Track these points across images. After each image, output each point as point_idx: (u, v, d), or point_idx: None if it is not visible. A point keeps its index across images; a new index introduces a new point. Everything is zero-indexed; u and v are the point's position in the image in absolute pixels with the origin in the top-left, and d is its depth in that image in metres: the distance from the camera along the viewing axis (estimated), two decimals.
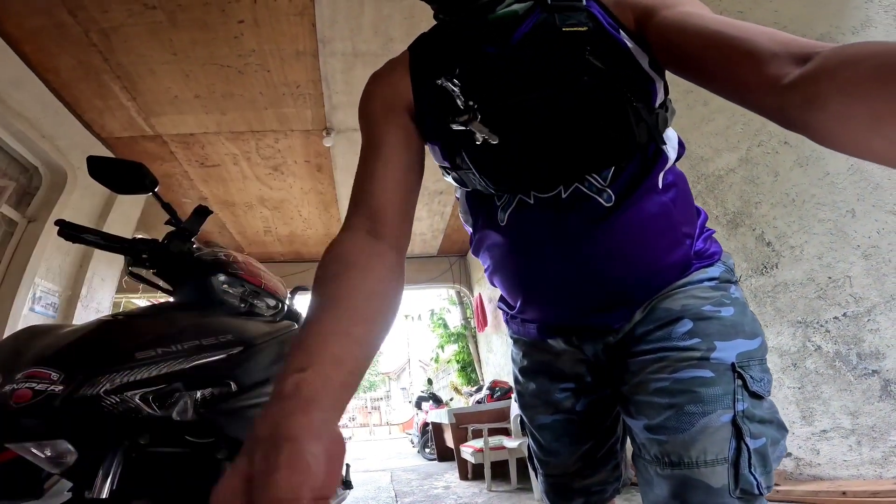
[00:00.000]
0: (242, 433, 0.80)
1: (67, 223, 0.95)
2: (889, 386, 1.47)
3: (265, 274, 1.19)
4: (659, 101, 0.60)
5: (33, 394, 0.66)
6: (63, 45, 2.75)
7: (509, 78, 0.57)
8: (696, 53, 0.48)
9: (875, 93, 0.30)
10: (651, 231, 0.61)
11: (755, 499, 0.55)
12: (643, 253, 0.61)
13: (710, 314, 0.60)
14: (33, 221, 3.15)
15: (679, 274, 0.63)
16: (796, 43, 0.40)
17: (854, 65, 0.33)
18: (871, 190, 1.50)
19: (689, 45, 0.48)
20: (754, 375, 0.58)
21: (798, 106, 0.37)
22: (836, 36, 1.59)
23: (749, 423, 0.56)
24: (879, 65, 0.31)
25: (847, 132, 0.34)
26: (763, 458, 0.56)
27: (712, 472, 0.54)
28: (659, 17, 0.53)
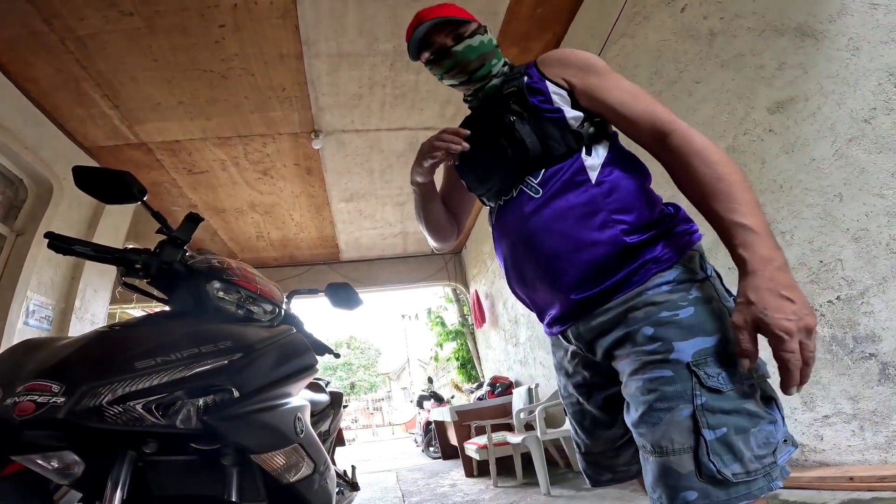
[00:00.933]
0: (247, 439, 0.80)
1: (57, 235, 0.93)
2: (887, 369, 1.49)
3: (260, 279, 1.19)
4: (574, 126, 0.85)
5: (36, 406, 0.66)
6: (40, 54, 2.71)
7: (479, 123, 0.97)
8: (611, 117, 0.85)
9: (680, 173, 0.77)
10: (573, 214, 0.80)
11: (726, 484, 0.62)
12: (567, 229, 0.80)
13: (668, 319, 0.70)
14: (21, 235, 3.10)
15: (624, 262, 0.77)
16: (659, 119, 0.79)
17: (685, 156, 0.74)
18: (857, 174, 1.52)
19: (606, 112, 0.85)
20: (709, 372, 0.66)
21: (663, 160, 0.81)
22: (813, 25, 1.61)
23: (708, 416, 0.64)
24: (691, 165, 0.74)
25: (677, 182, 0.79)
26: (728, 446, 0.63)
27: (679, 459, 0.64)
28: (586, 86, 0.86)
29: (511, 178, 0.87)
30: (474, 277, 6.48)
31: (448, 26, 0.97)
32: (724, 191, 0.69)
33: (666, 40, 2.29)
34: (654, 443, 0.66)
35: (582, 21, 2.91)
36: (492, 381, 5.09)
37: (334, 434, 2.13)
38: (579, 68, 0.88)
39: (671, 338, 0.69)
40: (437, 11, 0.99)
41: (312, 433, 1.03)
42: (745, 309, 0.63)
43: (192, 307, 1.04)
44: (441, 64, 0.98)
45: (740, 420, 0.65)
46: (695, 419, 0.64)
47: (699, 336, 0.68)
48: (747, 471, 0.63)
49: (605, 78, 0.86)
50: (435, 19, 0.96)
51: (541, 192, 0.83)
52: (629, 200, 0.81)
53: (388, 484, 4.12)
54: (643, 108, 0.81)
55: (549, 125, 0.85)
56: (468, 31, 0.97)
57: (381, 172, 4.53)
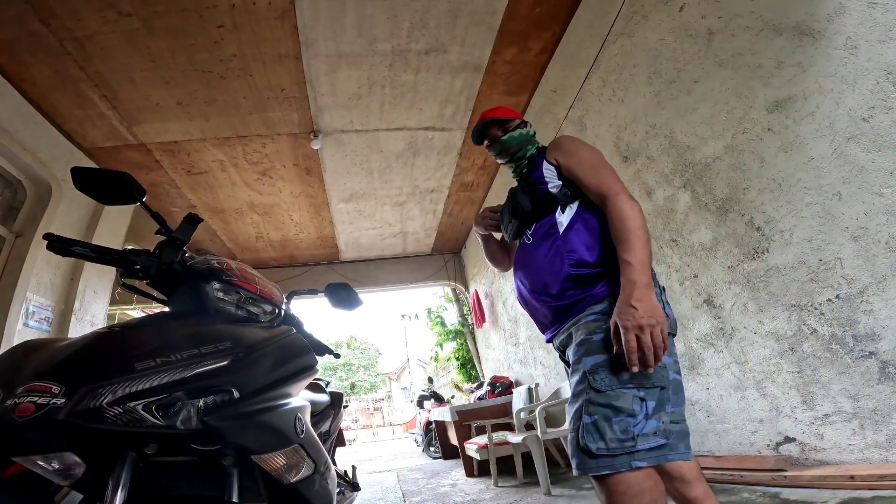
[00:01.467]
0: (247, 440, 0.80)
1: (56, 236, 0.93)
2: (887, 367, 1.49)
3: (260, 280, 1.18)
4: (555, 192, 1.22)
5: (36, 407, 0.66)
6: (37, 55, 2.70)
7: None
8: (580, 185, 1.18)
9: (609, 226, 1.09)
10: (547, 256, 1.16)
11: (594, 456, 0.91)
12: (544, 267, 1.16)
13: (586, 339, 1.03)
14: (21, 236, 3.09)
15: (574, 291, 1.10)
16: (605, 188, 1.11)
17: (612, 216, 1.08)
18: (855, 173, 1.52)
19: (576, 181, 1.19)
20: (597, 377, 0.97)
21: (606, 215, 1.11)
22: (811, 24, 1.61)
23: (589, 407, 0.95)
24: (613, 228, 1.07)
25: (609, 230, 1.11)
26: (596, 428, 0.93)
27: (574, 437, 0.97)
28: (566, 164, 1.22)
29: (519, 230, 1.30)
30: (474, 277, 6.48)
31: (497, 123, 1.42)
32: (625, 239, 1.03)
33: (664, 39, 2.29)
34: (571, 421, 1.00)
35: (580, 20, 2.91)
36: (492, 381, 5.09)
37: (335, 434, 2.13)
38: (563, 151, 1.25)
39: (583, 354, 1.02)
40: (493, 113, 1.44)
41: (313, 433, 1.03)
42: (613, 314, 0.98)
43: (192, 308, 1.04)
44: (493, 148, 1.42)
45: (608, 412, 0.93)
46: (581, 409, 0.97)
47: (598, 354, 1.00)
48: (609, 448, 0.90)
49: (577, 157, 1.22)
50: (489, 119, 1.42)
51: (532, 240, 1.24)
52: (581, 248, 1.12)
53: (388, 484, 4.12)
54: (596, 179, 1.15)
55: (539, 193, 1.25)
56: (512, 126, 1.40)
57: (380, 172, 4.53)
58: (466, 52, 3.14)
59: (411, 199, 5.18)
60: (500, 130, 1.40)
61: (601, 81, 2.83)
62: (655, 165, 2.46)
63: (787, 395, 1.85)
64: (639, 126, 2.55)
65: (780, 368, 1.87)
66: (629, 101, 2.61)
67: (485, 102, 3.68)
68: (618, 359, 0.95)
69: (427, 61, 3.18)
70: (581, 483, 2.86)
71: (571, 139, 1.30)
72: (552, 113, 3.45)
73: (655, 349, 0.92)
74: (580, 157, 1.21)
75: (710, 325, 2.22)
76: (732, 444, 2.16)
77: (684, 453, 0.96)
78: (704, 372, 2.29)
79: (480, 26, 2.94)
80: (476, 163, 4.60)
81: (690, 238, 2.28)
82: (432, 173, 4.67)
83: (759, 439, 2.01)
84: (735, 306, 2.06)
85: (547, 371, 4.26)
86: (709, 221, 2.15)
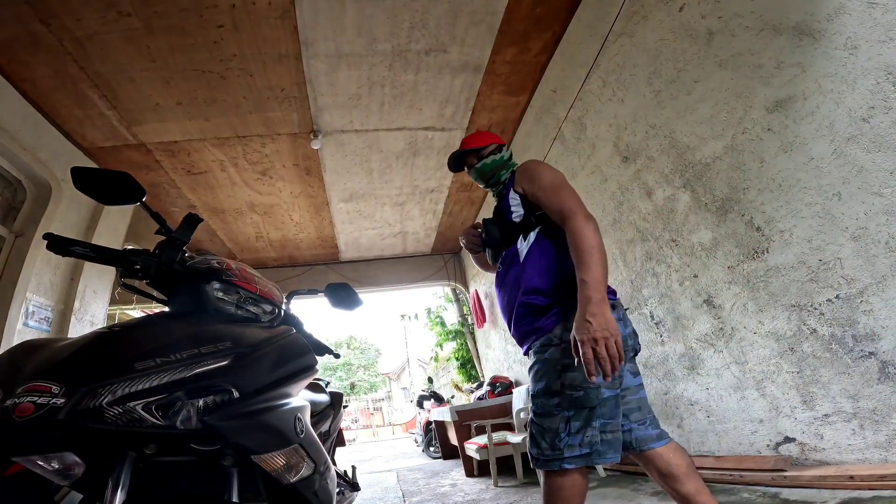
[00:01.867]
0: (247, 439, 0.80)
1: (56, 236, 0.93)
2: (887, 368, 1.49)
3: (260, 280, 1.18)
4: (518, 221, 1.34)
5: (36, 407, 0.66)
6: (37, 55, 2.70)
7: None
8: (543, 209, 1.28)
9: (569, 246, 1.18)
10: (511, 282, 1.31)
11: (536, 459, 1.17)
12: (508, 292, 1.32)
13: (531, 367, 1.23)
14: (20, 236, 3.09)
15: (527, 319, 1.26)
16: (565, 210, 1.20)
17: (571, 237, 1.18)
18: (855, 173, 1.52)
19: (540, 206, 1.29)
20: (536, 401, 1.19)
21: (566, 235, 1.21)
22: (811, 24, 1.61)
23: (531, 424, 1.19)
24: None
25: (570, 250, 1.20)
26: (533, 440, 1.18)
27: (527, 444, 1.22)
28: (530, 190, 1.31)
29: (494, 257, 1.44)
30: (474, 277, 6.48)
31: (472, 152, 1.52)
32: (581, 258, 1.13)
33: (664, 39, 2.29)
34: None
35: (580, 20, 2.91)
36: (492, 381, 5.09)
37: (334, 434, 2.13)
38: (527, 177, 1.34)
39: (531, 380, 1.23)
40: (469, 141, 1.55)
41: (313, 433, 1.03)
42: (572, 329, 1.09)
43: (192, 308, 1.04)
44: (471, 175, 1.54)
45: (541, 429, 1.16)
46: (528, 423, 1.22)
47: (538, 382, 1.20)
48: (543, 454, 1.15)
49: (539, 181, 1.31)
50: (465, 149, 1.53)
51: (501, 268, 1.37)
52: (534, 276, 1.26)
53: (388, 484, 4.12)
54: (556, 200, 1.25)
55: (505, 223, 1.37)
56: (486, 153, 1.51)
57: (380, 172, 4.53)
58: (466, 52, 3.14)
59: (411, 199, 5.18)
60: (474, 158, 1.52)
61: (601, 81, 2.83)
62: (655, 165, 2.46)
63: (786, 396, 1.85)
64: (639, 126, 2.55)
65: (779, 368, 1.87)
66: (629, 101, 2.61)
67: (485, 102, 3.68)
68: (547, 386, 1.17)
69: (427, 61, 3.18)
70: None
71: (535, 164, 1.37)
72: (552, 113, 3.45)
73: (611, 359, 1.02)
74: (542, 181, 1.30)
75: (709, 325, 2.22)
76: (732, 444, 2.16)
77: (612, 458, 1.13)
78: (704, 372, 2.29)
79: (480, 26, 2.94)
80: None
81: (690, 238, 2.28)
82: (432, 173, 4.67)
83: (758, 439, 2.01)
84: (735, 306, 2.06)
85: None
86: (709, 221, 2.15)
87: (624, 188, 2.74)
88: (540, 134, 3.70)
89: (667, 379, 2.56)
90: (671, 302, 2.46)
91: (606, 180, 2.90)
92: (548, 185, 1.28)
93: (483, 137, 1.55)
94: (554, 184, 1.28)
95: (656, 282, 2.56)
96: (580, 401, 1.12)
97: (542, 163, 1.39)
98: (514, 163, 1.52)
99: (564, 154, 3.36)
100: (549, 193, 1.27)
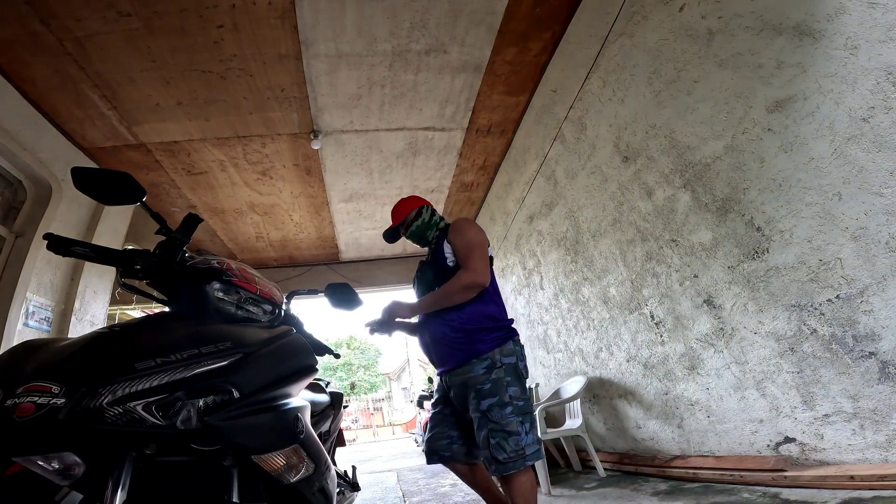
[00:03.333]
0: (247, 439, 0.80)
1: (56, 237, 0.93)
2: (887, 368, 1.49)
3: (260, 280, 1.18)
4: (451, 266, 1.63)
5: (36, 407, 0.66)
6: (37, 55, 2.70)
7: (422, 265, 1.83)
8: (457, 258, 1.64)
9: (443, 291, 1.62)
10: (448, 315, 1.60)
11: (502, 462, 1.42)
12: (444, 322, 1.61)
13: (480, 387, 1.49)
14: (21, 236, 3.09)
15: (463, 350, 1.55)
16: (469, 261, 1.58)
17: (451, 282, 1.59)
18: (855, 173, 1.52)
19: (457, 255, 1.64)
20: (492, 416, 1.45)
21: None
22: (811, 24, 1.61)
23: (493, 434, 1.44)
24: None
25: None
26: (500, 446, 1.42)
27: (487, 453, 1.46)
28: (454, 243, 1.65)
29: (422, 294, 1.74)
30: None
31: (401, 225, 1.84)
32: (444, 290, 1.58)
33: (664, 40, 2.29)
34: (482, 443, 1.47)
35: (580, 20, 2.91)
36: None
37: (335, 434, 2.13)
38: (455, 233, 1.65)
39: (481, 398, 1.49)
40: (394, 216, 1.85)
41: (313, 434, 1.03)
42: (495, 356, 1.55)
43: (192, 308, 1.04)
44: (410, 239, 1.86)
45: (505, 434, 1.43)
46: (488, 435, 1.45)
47: (490, 398, 1.48)
48: (509, 456, 1.41)
49: (462, 238, 1.62)
50: (394, 225, 1.85)
51: None
52: (469, 308, 1.58)
53: (388, 484, 4.12)
54: (466, 256, 1.59)
55: (439, 266, 1.65)
56: (410, 221, 1.82)
57: (380, 173, 4.53)
58: (466, 53, 3.14)
59: None
60: (404, 228, 1.84)
61: (601, 81, 2.83)
62: (655, 165, 2.46)
63: (787, 396, 1.85)
64: (639, 126, 2.55)
65: (780, 368, 1.87)
66: (629, 101, 2.61)
67: (485, 102, 3.68)
68: (501, 400, 1.47)
69: (427, 61, 3.18)
70: (581, 483, 2.86)
71: (465, 224, 1.67)
72: (552, 113, 3.45)
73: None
74: (465, 237, 1.62)
75: (710, 326, 2.22)
76: (732, 444, 2.16)
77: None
78: (704, 372, 2.28)
79: (480, 26, 2.94)
80: (476, 163, 4.60)
81: (690, 238, 2.28)
82: (432, 173, 4.67)
83: (759, 439, 2.01)
84: (735, 306, 2.06)
85: (547, 371, 4.26)
86: (709, 221, 2.15)
87: (624, 188, 2.74)
88: (540, 134, 3.70)
89: (667, 379, 2.56)
90: (671, 302, 2.46)
91: (607, 180, 2.90)
92: (466, 242, 1.60)
93: (404, 207, 1.83)
94: (472, 242, 1.60)
95: (656, 282, 2.56)
96: (524, 408, 1.49)
97: (472, 223, 1.70)
98: (438, 219, 1.83)
99: (564, 154, 3.36)
100: (464, 248, 1.60)
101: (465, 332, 1.54)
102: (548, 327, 4.12)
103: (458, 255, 1.60)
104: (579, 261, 3.36)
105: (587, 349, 3.42)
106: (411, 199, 1.85)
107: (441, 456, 1.61)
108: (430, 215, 1.83)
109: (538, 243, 4.07)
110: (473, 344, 1.52)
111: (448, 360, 1.57)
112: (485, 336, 1.53)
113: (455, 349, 1.54)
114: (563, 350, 3.85)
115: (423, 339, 1.71)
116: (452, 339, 1.55)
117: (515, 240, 4.63)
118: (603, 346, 3.20)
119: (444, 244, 1.66)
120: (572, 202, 3.32)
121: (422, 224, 1.81)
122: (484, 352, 1.51)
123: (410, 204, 1.83)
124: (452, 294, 1.53)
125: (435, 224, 1.82)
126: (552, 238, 3.77)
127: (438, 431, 1.64)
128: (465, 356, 1.52)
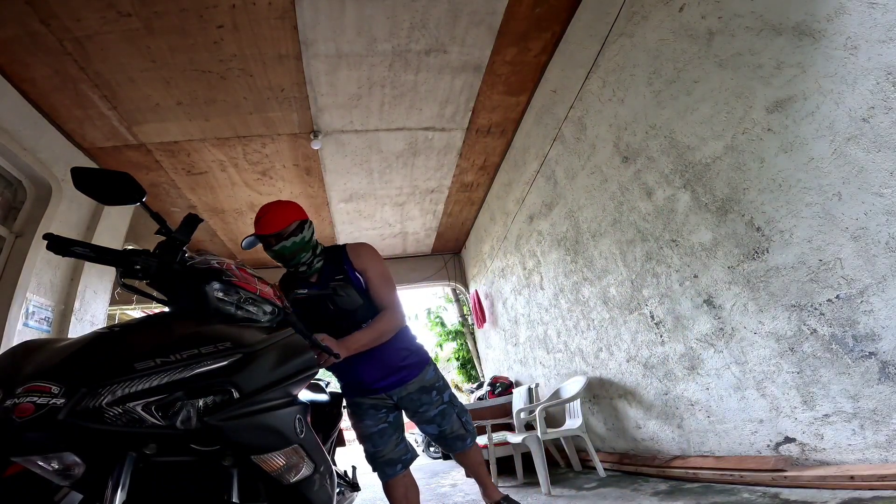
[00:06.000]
0: (247, 440, 0.80)
1: (56, 237, 0.93)
2: (887, 368, 1.49)
3: (260, 280, 1.18)
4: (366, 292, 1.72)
5: (35, 407, 0.66)
6: (37, 55, 2.70)
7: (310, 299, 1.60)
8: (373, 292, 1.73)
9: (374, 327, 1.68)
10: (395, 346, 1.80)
11: (470, 439, 1.97)
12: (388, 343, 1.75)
13: (438, 384, 1.89)
14: (21, 236, 3.09)
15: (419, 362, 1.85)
16: (385, 301, 1.72)
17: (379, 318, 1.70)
18: (855, 173, 1.52)
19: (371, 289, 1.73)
20: (455, 402, 1.95)
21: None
22: (811, 24, 1.61)
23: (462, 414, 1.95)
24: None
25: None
26: (466, 424, 1.95)
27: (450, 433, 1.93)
28: (365, 274, 1.72)
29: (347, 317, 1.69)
30: (474, 277, 6.47)
31: (272, 236, 1.58)
32: (374, 328, 1.64)
33: (664, 40, 2.29)
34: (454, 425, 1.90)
35: (580, 21, 2.91)
36: (492, 381, 5.09)
37: (335, 434, 2.13)
38: (366, 263, 1.72)
39: (441, 392, 1.88)
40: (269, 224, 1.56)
41: (313, 434, 1.03)
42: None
43: (192, 308, 1.04)
44: (269, 253, 1.62)
45: (466, 413, 1.97)
46: (457, 415, 1.91)
47: (447, 390, 1.91)
48: (471, 433, 1.96)
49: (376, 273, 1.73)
50: (263, 235, 1.58)
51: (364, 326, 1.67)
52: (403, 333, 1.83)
53: None
54: (387, 294, 1.72)
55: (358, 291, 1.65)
56: (287, 233, 1.58)
57: (380, 173, 4.53)
58: (466, 53, 3.14)
59: (411, 199, 5.18)
60: (275, 239, 1.59)
61: (601, 81, 2.83)
62: (655, 165, 2.46)
63: (787, 396, 1.85)
64: (639, 126, 2.55)
65: (780, 369, 1.87)
66: (629, 102, 2.61)
67: (485, 102, 3.68)
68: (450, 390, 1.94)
69: (427, 61, 3.18)
70: (581, 483, 2.86)
71: (375, 254, 1.77)
72: (552, 113, 3.45)
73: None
74: (379, 271, 1.73)
75: (710, 326, 2.22)
76: (732, 444, 2.16)
77: None
78: (704, 372, 2.28)
79: (480, 26, 2.94)
80: (476, 163, 4.60)
81: (690, 238, 2.28)
82: (432, 173, 4.67)
83: (759, 439, 2.01)
84: (735, 306, 2.06)
85: (547, 371, 4.26)
86: (709, 221, 2.15)
87: (624, 188, 2.74)
88: (540, 134, 3.70)
89: (667, 379, 2.56)
90: (671, 302, 2.45)
91: (606, 180, 2.90)
92: (384, 277, 1.73)
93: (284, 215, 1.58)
94: (388, 278, 1.74)
95: (656, 282, 2.56)
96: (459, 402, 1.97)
97: (376, 252, 1.78)
98: (315, 242, 1.69)
99: (564, 154, 3.36)
100: (383, 285, 1.71)
101: (409, 349, 1.82)
102: (548, 327, 4.12)
103: (372, 286, 1.69)
104: (579, 261, 3.36)
105: (587, 349, 3.42)
106: (291, 207, 1.58)
107: (403, 462, 1.82)
108: (311, 234, 1.65)
109: (538, 243, 4.07)
110: (419, 355, 1.85)
111: (408, 374, 1.79)
112: (419, 348, 1.88)
113: (411, 364, 1.80)
114: (563, 350, 3.85)
115: (368, 367, 1.73)
116: (405, 357, 1.79)
117: (515, 240, 4.63)
118: (603, 346, 3.20)
119: (353, 272, 1.70)
120: (572, 202, 3.32)
121: (300, 241, 1.57)
122: (427, 359, 1.87)
123: (292, 213, 1.58)
124: (387, 334, 1.67)
125: (312, 247, 1.64)
126: (552, 238, 3.77)
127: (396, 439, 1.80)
128: (420, 366, 1.82)
